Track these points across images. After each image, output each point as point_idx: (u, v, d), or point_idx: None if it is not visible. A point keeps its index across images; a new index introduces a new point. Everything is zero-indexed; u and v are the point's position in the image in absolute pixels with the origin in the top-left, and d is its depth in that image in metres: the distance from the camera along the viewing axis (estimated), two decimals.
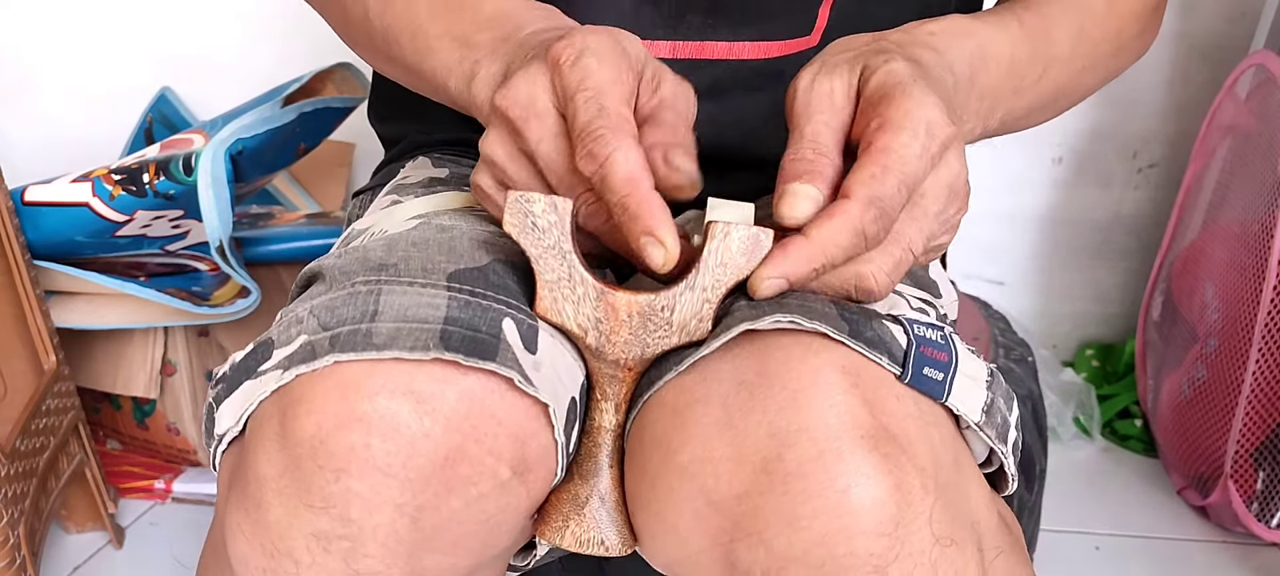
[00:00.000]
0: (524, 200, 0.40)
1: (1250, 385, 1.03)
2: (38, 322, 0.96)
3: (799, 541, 0.37)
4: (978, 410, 0.43)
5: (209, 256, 1.06)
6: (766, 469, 0.38)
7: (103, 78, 1.43)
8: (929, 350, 0.42)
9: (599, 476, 0.43)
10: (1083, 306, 1.50)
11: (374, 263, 0.43)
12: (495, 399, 0.40)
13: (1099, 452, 1.29)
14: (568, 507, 0.43)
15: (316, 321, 0.40)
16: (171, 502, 1.16)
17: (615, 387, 0.43)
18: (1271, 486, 1.04)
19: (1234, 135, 1.15)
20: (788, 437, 0.38)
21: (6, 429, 0.88)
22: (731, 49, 0.57)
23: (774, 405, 0.39)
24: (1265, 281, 1.01)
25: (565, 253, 0.41)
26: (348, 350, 0.39)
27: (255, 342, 0.42)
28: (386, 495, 0.38)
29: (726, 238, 0.40)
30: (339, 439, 0.37)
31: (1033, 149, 1.41)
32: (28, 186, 1.01)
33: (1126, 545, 1.10)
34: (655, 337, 0.42)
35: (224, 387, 0.42)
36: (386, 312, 0.40)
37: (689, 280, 0.41)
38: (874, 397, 0.39)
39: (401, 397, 0.38)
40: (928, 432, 0.41)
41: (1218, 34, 1.34)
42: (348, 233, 0.56)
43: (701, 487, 0.39)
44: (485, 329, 0.40)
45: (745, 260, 0.40)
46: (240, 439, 0.43)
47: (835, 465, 0.37)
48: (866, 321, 0.42)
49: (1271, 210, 1.02)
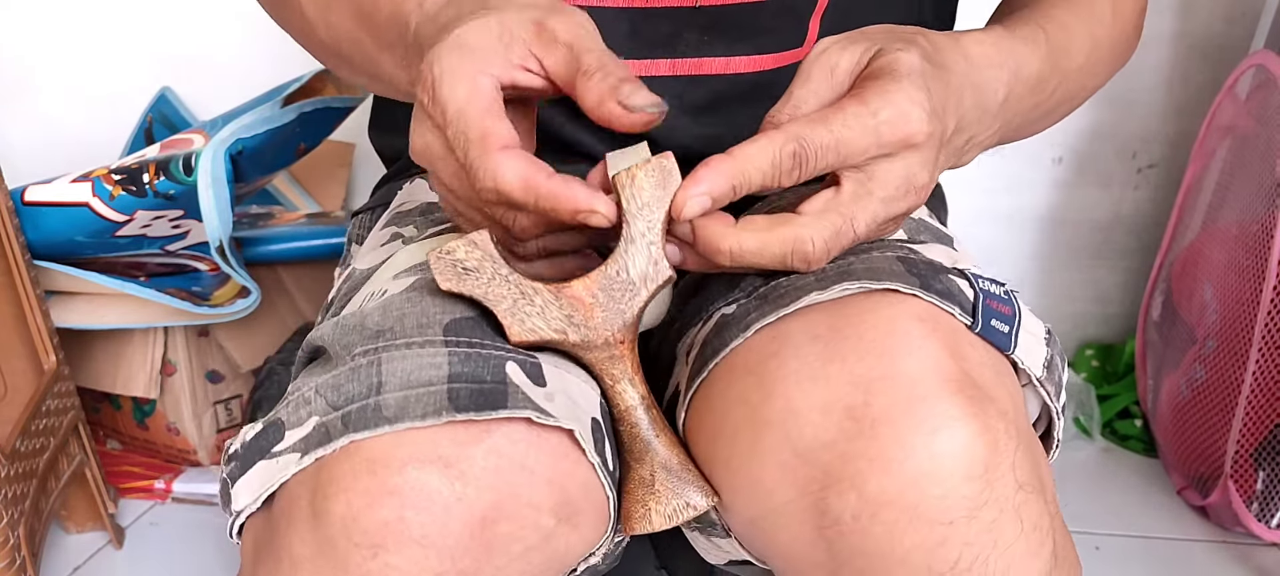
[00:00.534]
0: (444, 254, 0.41)
1: (1250, 385, 1.03)
2: (38, 322, 0.96)
3: (892, 485, 0.37)
4: (1039, 365, 0.44)
5: (209, 256, 1.06)
6: (853, 415, 0.38)
7: (103, 78, 1.43)
8: (994, 303, 0.43)
9: (651, 450, 0.43)
10: (1083, 306, 1.50)
11: (371, 330, 0.43)
12: (523, 449, 0.39)
13: (1099, 452, 1.29)
14: (640, 492, 0.42)
15: (325, 401, 0.40)
16: (171, 502, 1.16)
17: (619, 366, 0.43)
18: (1271, 486, 1.04)
19: (1234, 136, 1.15)
20: (872, 385, 0.38)
21: (6, 429, 0.88)
22: (727, 64, 0.57)
23: (853, 354, 0.39)
24: (1265, 282, 1.01)
25: (505, 276, 0.41)
26: (361, 428, 0.38)
27: (264, 422, 0.42)
28: (425, 566, 0.37)
29: (633, 181, 0.40)
30: (372, 515, 0.37)
31: (1033, 149, 1.41)
32: (28, 186, 1.01)
33: (1126, 545, 1.10)
34: (626, 301, 0.42)
35: (237, 466, 0.42)
36: (391, 382, 0.40)
37: (625, 235, 0.41)
38: (953, 344, 0.40)
39: (430, 465, 0.38)
40: (1004, 382, 0.41)
41: (1218, 34, 1.34)
42: (349, 272, 0.56)
43: (786, 437, 0.39)
44: (490, 377, 0.40)
45: (661, 191, 0.41)
46: (262, 513, 0.42)
47: (922, 409, 0.38)
48: (934, 275, 0.43)
49: (1271, 211, 1.02)
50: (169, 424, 1.19)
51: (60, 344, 1.00)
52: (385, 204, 0.67)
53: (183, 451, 1.21)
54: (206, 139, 1.04)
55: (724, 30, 0.57)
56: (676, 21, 0.56)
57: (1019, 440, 0.39)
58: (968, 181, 1.04)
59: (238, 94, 1.23)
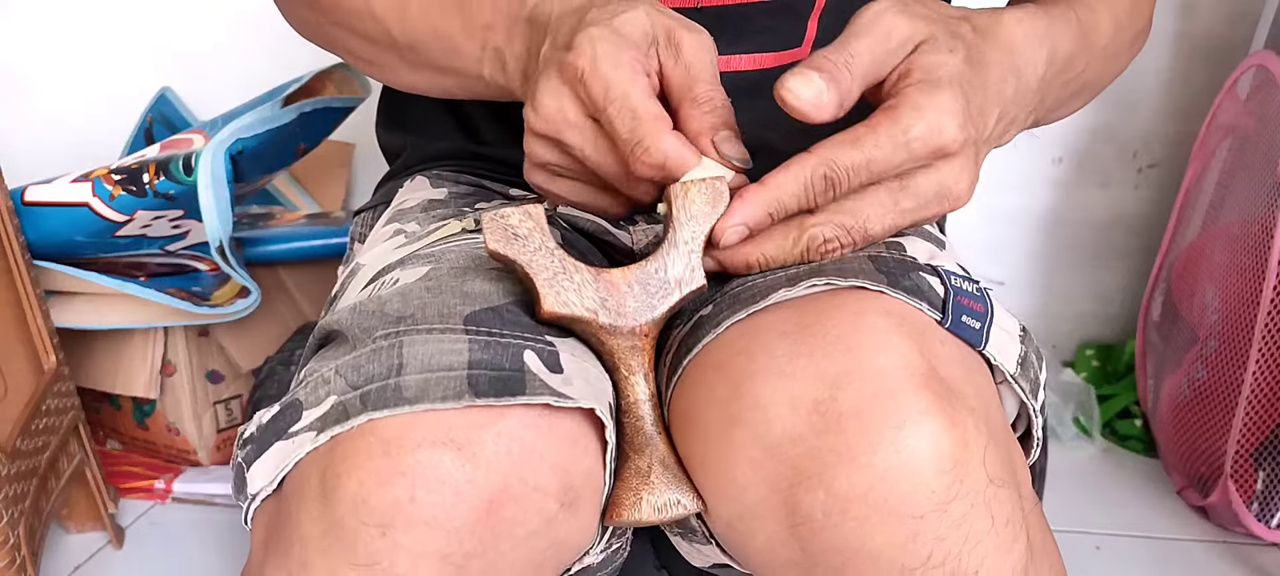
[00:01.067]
0: (499, 217, 0.43)
1: (1250, 385, 1.03)
2: (38, 322, 0.96)
3: (860, 480, 0.37)
4: (1013, 361, 0.45)
5: (209, 256, 1.06)
6: (820, 409, 0.38)
7: (103, 78, 1.43)
8: (966, 300, 0.44)
9: (651, 445, 0.44)
10: (1083, 306, 1.50)
11: (392, 315, 0.43)
12: (533, 434, 0.40)
13: (1099, 452, 1.29)
14: (635, 482, 0.43)
15: (344, 381, 0.41)
16: (171, 502, 1.16)
17: (638, 359, 0.44)
18: (1271, 486, 1.04)
19: (1234, 136, 1.15)
20: (839, 380, 0.39)
21: (6, 429, 0.88)
22: (728, 62, 0.58)
23: (820, 349, 0.39)
24: (1265, 282, 1.01)
25: (551, 249, 0.43)
26: (380, 407, 0.39)
27: (281, 404, 0.42)
28: (433, 547, 0.38)
29: (687, 193, 0.43)
30: (382, 494, 0.37)
31: (1033, 149, 1.41)
32: (28, 186, 1.01)
33: (1126, 545, 1.10)
34: (659, 297, 0.44)
35: (253, 448, 0.42)
36: (412, 364, 0.40)
37: (670, 238, 0.44)
38: (921, 341, 0.40)
39: (442, 447, 0.38)
40: (975, 380, 0.42)
41: (1218, 34, 1.34)
42: (352, 266, 0.57)
43: (755, 434, 0.40)
44: (509, 365, 0.40)
45: (711, 208, 0.44)
46: (274, 497, 0.43)
47: (890, 403, 0.38)
48: (903, 272, 0.43)
49: (1271, 211, 1.02)
50: (169, 424, 1.19)
51: (60, 344, 1.00)
52: (387, 202, 0.67)
53: (183, 451, 1.21)
54: (206, 139, 1.04)
55: (723, 31, 0.57)
56: None
57: (990, 435, 0.39)
58: None
59: (238, 94, 1.23)
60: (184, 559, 1.06)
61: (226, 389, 1.21)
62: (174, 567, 1.04)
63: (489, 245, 0.43)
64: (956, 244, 0.68)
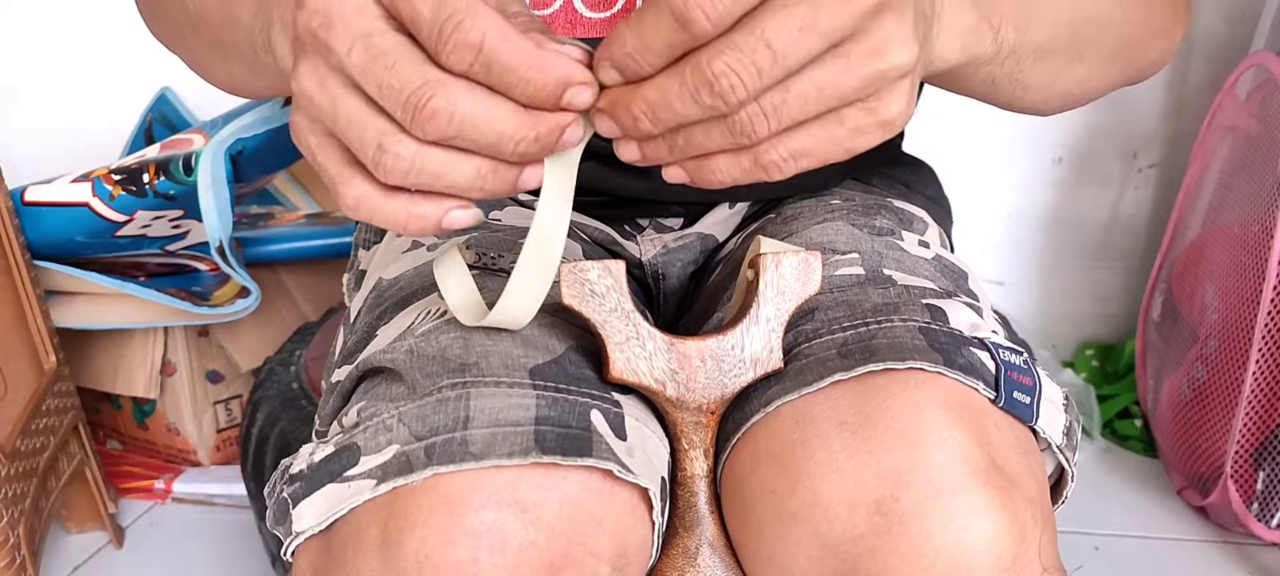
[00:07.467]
0: (578, 270, 0.41)
1: (1250, 385, 1.02)
2: (38, 322, 0.96)
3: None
4: (1059, 432, 0.45)
5: (209, 256, 1.06)
6: (881, 509, 0.38)
7: (103, 78, 1.43)
8: (1015, 375, 0.43)
9: (702, 525, 0.43)
10: (1083, 306, 1.50)
11: (454, 362, 0.42)
12: (595, 499, 0.39)
13: (1099, 452, 1.29)
14: (681, 562, 0.43)
15: (408, 431, 0.40)
16: (171, 502, 1.16)
17: (701, 434, 0.43)
18: (1271, 486, 1.04)
19: (1234, 136, 1.15)
20: (900, 478, 0.38)
21: (6, 429, 0.88)
22: None
23: (881, 445, 0.39)
24: (1265, 282, 1.01)
25: (627, 312, 0.41)
26: (445, 462, 0.38)
27: (338, 445, 0.41)
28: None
29: (778, 266, 0.41)
30: (446, 554, 0.37)
31: (1033, 149, 1.41)
32: (28, 186, 1.01)
33: (1126, 545, 1.10)
34: (731, 376, 0.42)
35: (303, 486, 0.41)
36: (478, 418, 0.39)
37: (752, 314, 0.42)
38: (979, 430, 0.40)
39: (507, 508, 0.38)
40: (1028, 462, 0.42)
41: (1218, 34, 1.34)
42: (376, 283, 0.55)
43: (814, 532, 0.39)
44: (576, 424, 0.40)
45: (800, 284, 0.41)
46: (321, 537, 0.42)
47: (952, 503, 0.38)
48: (956, 348, 0.42)
49: (1271, 211, 1.02)
50: (169, 424, 1.19)
51: (60, 344, 1.00)
52: None
53: (183, 451, 1.20)
54: (206, 139, 1.04)
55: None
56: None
57: (1044, 523, 0.40)
58: (968, 181, 1.04)
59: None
60: (184, 559, 1.06)
61: (226, 389, 1.21)
62: (174, 567, 1.04)
63: (565, 300, 0.41)
64: (961, 248, 0.68)
